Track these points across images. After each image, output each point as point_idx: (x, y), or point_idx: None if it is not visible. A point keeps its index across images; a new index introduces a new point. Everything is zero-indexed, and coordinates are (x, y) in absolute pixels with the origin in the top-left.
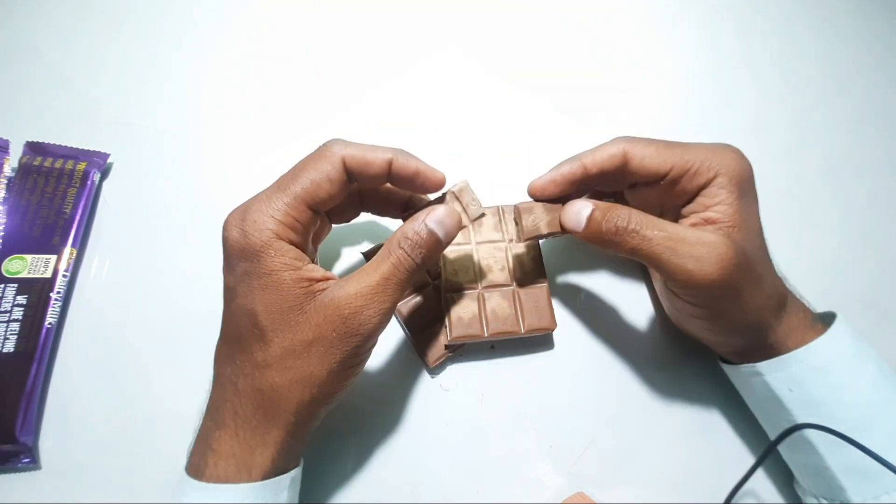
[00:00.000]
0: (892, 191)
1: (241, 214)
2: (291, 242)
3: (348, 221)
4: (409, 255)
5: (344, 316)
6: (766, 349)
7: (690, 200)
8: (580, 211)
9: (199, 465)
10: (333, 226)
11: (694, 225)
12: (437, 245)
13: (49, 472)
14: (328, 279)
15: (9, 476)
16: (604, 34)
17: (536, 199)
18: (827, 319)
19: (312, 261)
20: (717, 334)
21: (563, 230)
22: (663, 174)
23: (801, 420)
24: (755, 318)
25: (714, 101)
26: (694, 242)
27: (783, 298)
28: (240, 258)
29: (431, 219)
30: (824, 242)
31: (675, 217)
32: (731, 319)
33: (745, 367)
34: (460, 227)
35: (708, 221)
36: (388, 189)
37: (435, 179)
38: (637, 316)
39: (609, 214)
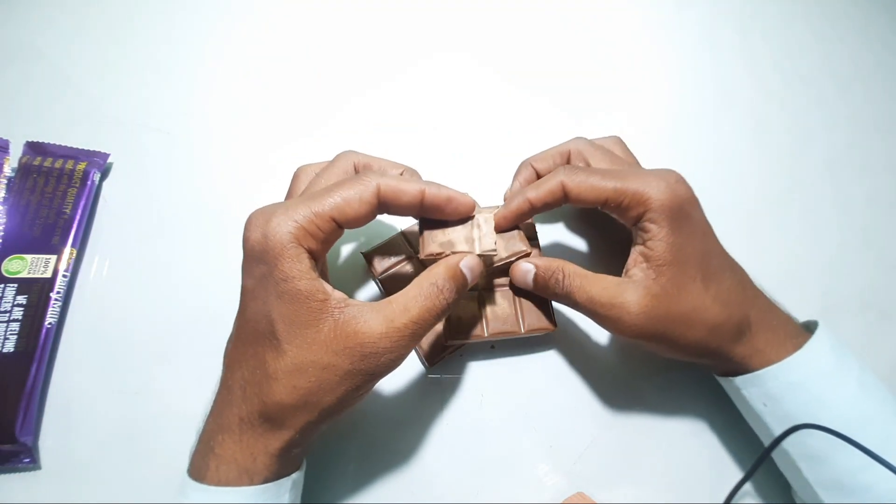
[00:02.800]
0: (892, 191)
1: (265, 216)
2: (309, 250)
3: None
4: (441, 294)
5: (365, 353)
6: (739, 367)
7: (636, 225)
8: (526, 273)
9: (200, 468)
10: None
11: (635, 261)
12: (464, 288)
13: (49, 472)
14: (344, 300)
15: (9, 476)
16: (604, 34)
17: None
18: (811, 328)
19: (322, 267)
20: (682, 359)
21: (520, 285)
22: (599, 204)
23: (778, 433)
24: (699, 349)
25: (714, 101)
26: (607, 304)
27: (744, 322)
28: (259, 260)
29: (465, 264)
30: (824, 242)
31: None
32: (672, 353)
33: (727, 381)
34: (479, 272)
35: (644, 257)
36: None
37: (467, 206)
38: None
39: (549, 278)
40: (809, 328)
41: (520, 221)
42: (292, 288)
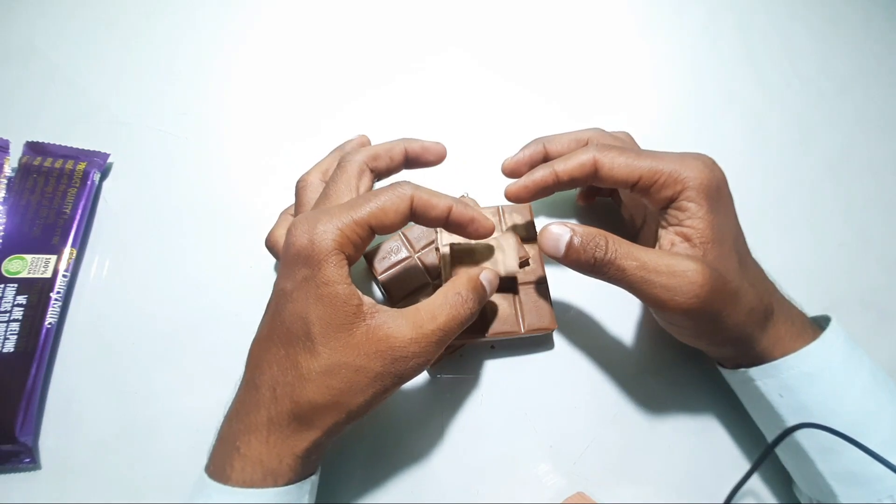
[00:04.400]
0: (893, 191)
1: (311, 222)
2: (348, 256)
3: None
4: (465, 304)
5: (396, 357)
6: (756, 357)
7: (666, 210)
8: (559, 238)
9: (223, 468)
10: None
11: (671, 242)
12: (484, 299)
13: (49, 472)
14: (375, 307)
15: (9, 476)
16: (604, 35)
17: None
18: (821, 323)
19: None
20: (703, 347)
21: (546, 253)
22: (631, 183)
23: (792, 424)
24: (737, 332)
25: (714, 101)
26: (665, 272)
27: (769, 309)
28: (303, 264)
29: (485, 277)
30: (824, 242)
31: (657, 223)
32: (711, 337)
33: (738, 373)
34: (496, 286)
35: (683, 236)
36: None
37: (487, 228)
38: (637, 316)
39: (588, 244)
40: (819, 323)
41: (540, 195)
42: (332, 292)
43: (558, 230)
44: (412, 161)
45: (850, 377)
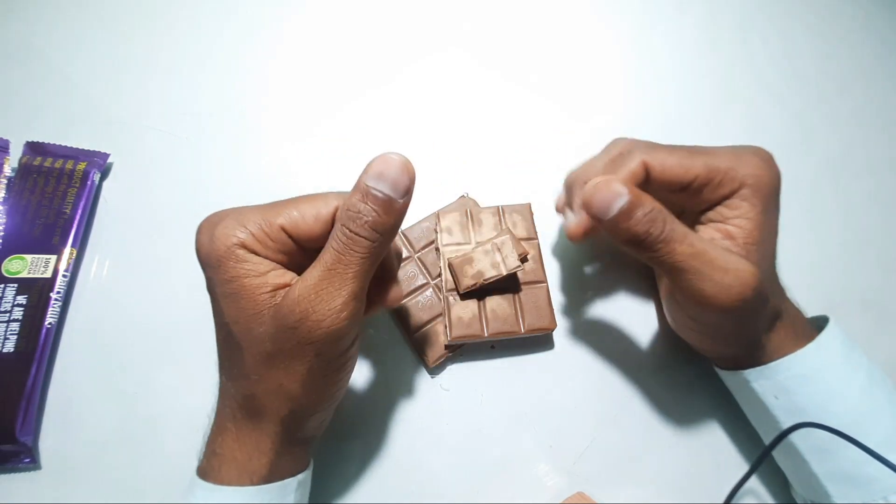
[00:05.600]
0: (893, 191)
1: (213, 221)
2: (266, 256)
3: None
4: (353, 234)
5: (291, 326)
6: (755, 359)
7: (711, 207)
8: (615, 198)
9: (206, 468)
10: None
11: (712, 238)
12: (386, 206)
13: (49, 472)
14: (285, 286)
15: (9, 476)
16: (604, 35)
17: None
18: (820, 324)
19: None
20: (710, 346)
21: (593, 213)
22: (686, 184)
23: (787, 426)
24: (753, 336)
25: (714, 101)
26: (720, 267)
27: (778, 312)
28: (206, 264)
29: (369, 177)
30: (824, 242)
31: (693, 221)
32: (728, 339)
33: (734, 375)
34: (411, 173)
35: (726, 234)
36: None
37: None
38: (638, 316)
39: (646, 215)
40: (818, 324)
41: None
42: (238, 286)
43: (618, 188)
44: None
45: (846, 378)
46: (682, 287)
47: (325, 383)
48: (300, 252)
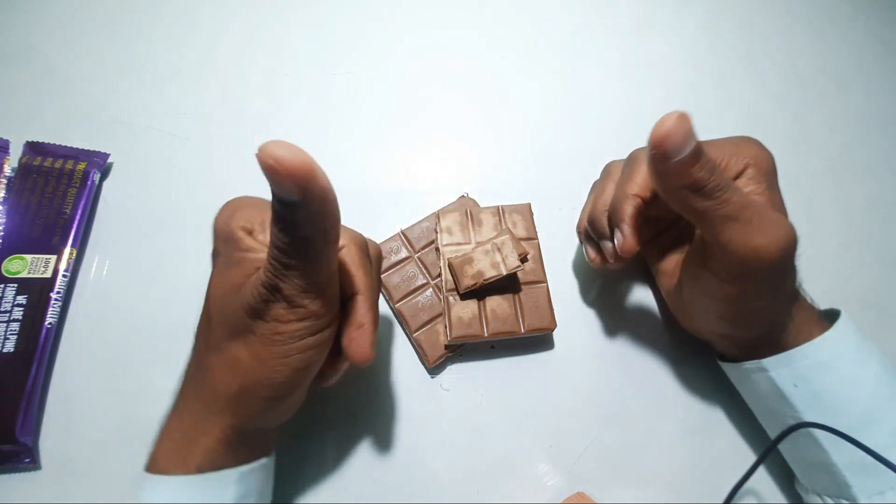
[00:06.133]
0: (893, 191)
1: (237, 205)
2: (264, 244)
3: None
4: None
5: (242, 293)
6: (772, 344)
7: None
8: (688, 137)
9: (152, 452)
10: None
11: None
12: (283, 173)
13: (49, 472)
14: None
15: (9, 476)
16: (604, 35)
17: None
18: (831, 316)
19: None
20: (732, 325)
21: (656, 161)
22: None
23: (806, 416)
24: (779, 306)
25: (714, 101)
26: (767, 218)
27: (796, 292)
28: (217, 236)
29: (266, 154)
30: (824, 242)
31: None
32: (758, 307)
33: (749, 364)
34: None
35: None
36: None
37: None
38: (637, 316)
39: (709, 161)
40: (828, 316)
41: (639, 223)
42: (235, 258)
43: (690, 129)
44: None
45: (863, 366)
46: (731, 239)
47: (273, 361)
48: None
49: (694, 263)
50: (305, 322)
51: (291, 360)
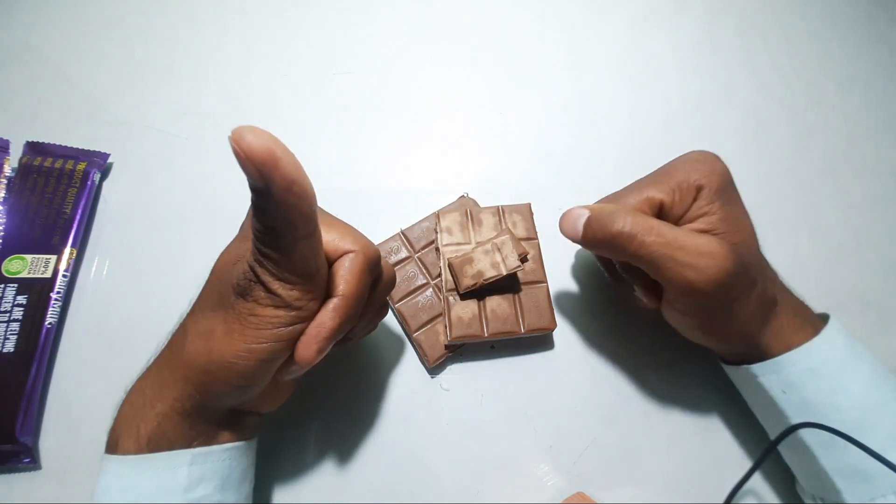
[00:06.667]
0: (893, 191)
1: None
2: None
3: None
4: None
5: (224, 271)
6: (759, 352)
7: (683, 216)
8: (577, 218)
9: (115, 417)
10: None
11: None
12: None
13: (49, 472)
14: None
15: (9, 476)
16: (604, 35)
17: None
18: (822, 319)
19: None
20: (711, 341)
21: (566, 235)
22: (658, 212)
23: (795, 421)
24: (745, 324)
25: (714, 101)
26: (693, 251)
27: (772, 301)
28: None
29: (235, 136)
30: (824, 242)
31: None
32: (722, 328)
33: (742, 369)
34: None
35: (700, 233)
36: None
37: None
38: (638, 316)
39: (605, 220)
40: (819, 319)
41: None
42: (245, 231)
43: (578, 211)
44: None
45: (853, 372)
46: (664, 279)
47: (244, 346)
48: None
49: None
50: (280, 311)
51: (257, 349)
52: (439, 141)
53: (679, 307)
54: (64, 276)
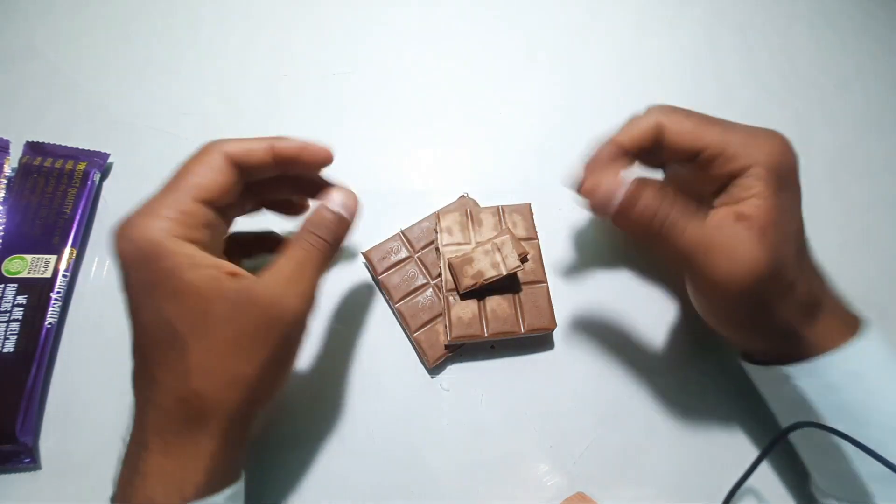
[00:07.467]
0: (893, 191)
1: (127, 224)
2: (192, 240)
3: (245, 213)
4: (320, 238)
5: (263, 307)
6: (796, 351)
7: (723, 188)
8: (613, 192)
9: (127, 491)
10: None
11: (724, 220)
12: (343, 225)
13: (49, 472)
14: (237, 274)
15: (9, 476)
16: (604, 34)
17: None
18: (862, 321)
19: (221, 249)
20: (742, 338)
21: (595, 208)
22: (696, 152)
23: (833, 424)
24: (783, 325)
25: (714, 102)
26: (727, 253)
27: (817, 302)
28: (137, 269)
29: (334, 203)
30: (824, 242)
31: (707, 207)
32: (756, 328)
33: (774, 370)
34: (357, 205)
35: (740, 217)
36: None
37: (323, 153)
38: (638, 316)
39: (648, 206)
40: (858, 321)
41: (607, 169)
42: (179, 282)
43: (613, 182)
44: (286, 162)
45: (892, 377)
46: (692, 276)
47: (278, 372)
48: (220, 219)
49: (687, 282)
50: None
51: (293, 366)
52: (439, 141)
53: (706, 303)
54: (64, 276)
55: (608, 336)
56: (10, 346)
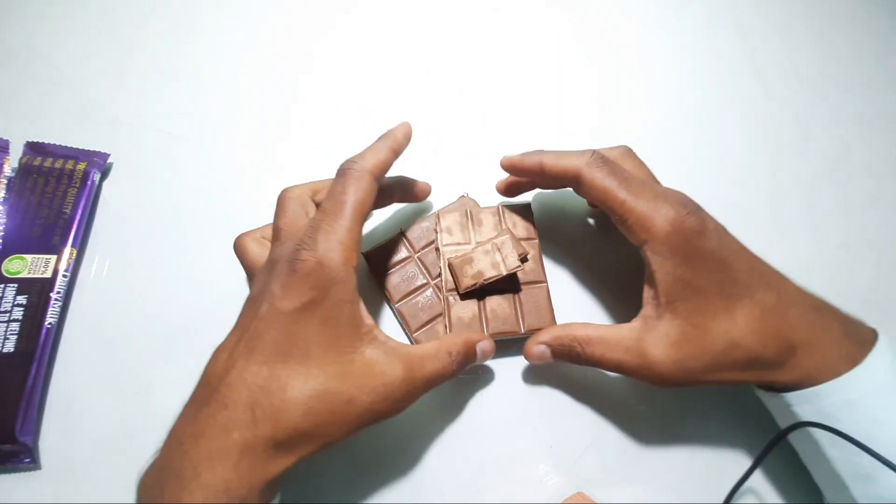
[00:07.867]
0: (892, 191)
1: (313, 244)
2: (353, 264)
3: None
4: (452, 365)
5: (386, 395)
6: (791, 383)
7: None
8: (542, 354)
9: (176, 496)
10: None
11: (646, 298)
12: (471, 362)
13: (49, 472)
14: (373, 331)
15: (9, 476)
16: (604, 35)
17: (508, 171)
18: (873, 338)
19: None
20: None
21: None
22: (605, 210)
23: (829, 452)
24: (739, 384)
25: (714, 102)
26: (635, 368)
27: (784, 347)
28: (311, 286)
29: (481, 346)
30: (824, 242)
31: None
32: (722, 382)
33: (773, 397)
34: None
35: (653, 293)
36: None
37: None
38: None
39: (568, 352)
40: (867, 341)
41: (521, 176)
42: (340, 314)
43: (538, 349)
44: (399, 192)
45: (893, 403)
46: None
47: (356, 432)
48: None
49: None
50: None
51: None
52: (439, 141)
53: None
54: (64, 276)
55: None
56: (10, 346)
